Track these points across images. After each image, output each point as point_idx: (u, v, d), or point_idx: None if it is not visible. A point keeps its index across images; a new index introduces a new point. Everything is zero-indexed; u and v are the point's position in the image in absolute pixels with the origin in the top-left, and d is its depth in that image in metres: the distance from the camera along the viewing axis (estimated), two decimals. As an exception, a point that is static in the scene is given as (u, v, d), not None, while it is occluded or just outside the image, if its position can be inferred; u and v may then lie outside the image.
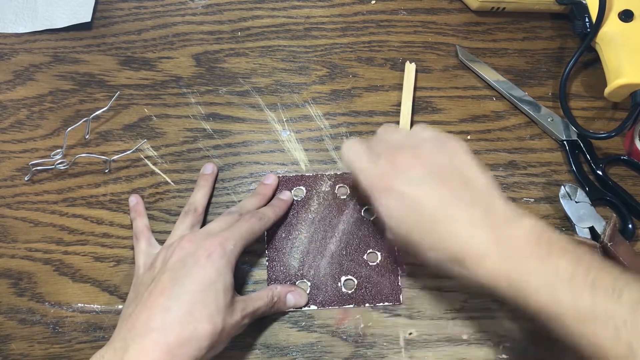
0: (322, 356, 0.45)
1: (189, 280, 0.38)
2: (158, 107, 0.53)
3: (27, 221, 0.49)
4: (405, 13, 0.58)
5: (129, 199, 0.49)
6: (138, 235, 0.46)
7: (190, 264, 0.39)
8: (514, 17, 0.58)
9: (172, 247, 0.41)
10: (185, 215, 0.46)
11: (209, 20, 0.57)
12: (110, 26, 0.57)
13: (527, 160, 0.52)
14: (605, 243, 0.46)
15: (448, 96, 0.54)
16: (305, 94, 0.54)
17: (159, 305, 0.37)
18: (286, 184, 0.50)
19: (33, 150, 0.51)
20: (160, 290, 0.38)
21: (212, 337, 0.37)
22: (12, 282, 0.47)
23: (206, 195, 0.48)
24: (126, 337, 0.36)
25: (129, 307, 0.40)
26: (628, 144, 0.52)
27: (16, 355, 0.45)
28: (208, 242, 0.40)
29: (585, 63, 0.56)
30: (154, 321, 0.36)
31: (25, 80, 0.54)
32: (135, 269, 0.44)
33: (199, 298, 0.38)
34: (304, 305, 0.46)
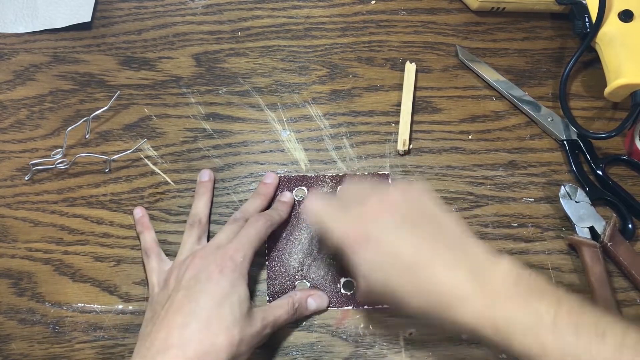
0: (322, 356, 0.45)
1: (204, 297, 0.39)
2: (158, 107, 0.53)
3: (27, 221, 0.49)
4: (405, 13, 0.58)
5: (134, 211, 0.49)
6: (148, 251, 0.46)
7: (203, 280, 0.39)
8: (514, 17, 0.58)
9: (184, 264, 0.42)
10: (191, 228, 0.46)
11: (209, 20, 0.57)
12: (110, 26, 0.57)
13: (527, 160, 0.52)
14: (605, 243, 0.46)
15: (448, 96, 0.54)
16: (305, 94, 0.54)
17: (176, 322, 0.38)
18: (287, 184, 0.50)
19: (33, 150, 0.51)
20: (176, 308, 0.38)
21: (230, 349, 0.37)
22: (12, 282, 0.47)
23: (207, 204, 0.48)
24: (146, 355, 0.37)
25: (146, 326, 0.41)
26: (628, 144, 0.52)
27: (16, 355, 0.45)
28: (219, 256, 0.41)
29: (585, 63, 0.56)
30: (172, 338, 0.37)
31: (25, 80, 0.54)
32: (149, 288, 0.45)
33: (214, 312, 0.38)
34: (327, 307, 0.46)
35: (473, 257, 0.36)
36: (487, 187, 0.51)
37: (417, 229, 0.37)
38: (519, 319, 0.33)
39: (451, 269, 0.35)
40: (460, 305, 0.34)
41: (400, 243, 0.37)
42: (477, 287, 0.34)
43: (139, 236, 0.48)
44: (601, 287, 0.45)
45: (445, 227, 0.37)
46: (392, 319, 0.46)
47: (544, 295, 0.33)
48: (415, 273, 0.36)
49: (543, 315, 0.33)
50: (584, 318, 0.32)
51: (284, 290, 0.46)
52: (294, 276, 0.47)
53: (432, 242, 0.37)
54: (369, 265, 0.37)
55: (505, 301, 0.34)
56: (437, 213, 0.38)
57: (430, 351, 0.45)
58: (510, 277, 0.34)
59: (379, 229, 0.37)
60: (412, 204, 0.38)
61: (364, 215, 0.38)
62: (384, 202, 0.39)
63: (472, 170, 0.51)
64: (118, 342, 0.45)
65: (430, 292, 0.35)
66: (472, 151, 0.52)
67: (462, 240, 0.37)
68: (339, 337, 0.45)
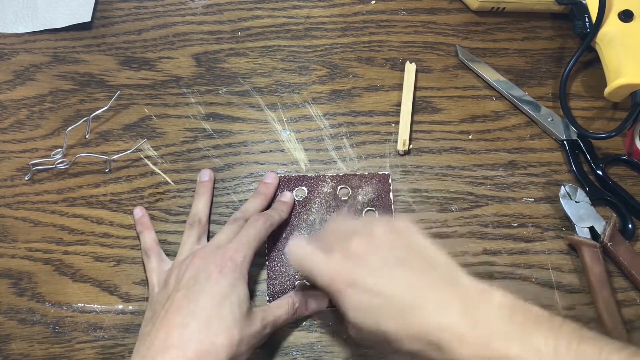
0: (322, 356, 0.45)
1: (203, 297, 0.39)
2: (158, 107, 0.53)
3: (27, 221, 0.49)
4: (405, 13, 0.58)
5: (134, 211, 0.49)
6: (148, 251, 0.46)
7: (203, 280, 0.39)
8: (514, 17, 0.58)
9: (184, 264, 0.42)
10: (191, 228, 0.46)
11: (209, 20, 0.57)
12: (110, 26, 0.57)
13: (527, 160, 0.52)
14: (605, 243, 0.46)
15: (448, 96, 0.54)
16: (305, 94, 0.54)
17: (176, 322, 0.38)
18: (288, 184, 0.50)
19: (33, 150, 0.51)
20: (176, 308, 0.38)
21: (230, 349, 0.37)
22: (12, 282, 0.47)
23: (207, 204, 0.48)
24: (146, 355, 0.37)
25: (146, 326, 0.41)
26: (628, 143, 0.52)
27: (16, 355, 0.45)
28: (219, 256, 0.41)
29: (585, 63, 0.56)
30: (171, 338, 0.37)
31: (25, 80, 0.54)
32: (149, 288, 0.45)
33: (214, 312, 0.38)
34: (326, 307, 0.46)
35: (464, 292, 0.35)
36: (487, 187, 0.51)
37: (404, 266, 0.36)
38: (517, 352, 0.32)
39: (443, 307, 0.34)
40: (456, 344, 0.33)
41: (388, 284, 0.35)
42: (471, 322, 0.33)
43: (139, 236, 0.48)
44: (601, 287, 0.45)
45: (434, 263, 0.36)
46: (392, 319, 0.46)
47: (541, 325, 0.32)
48: (406, 315, 0.35)
49: (542, 347, 0.31)
50: (585, 347, 0.31)
51: (283, 290, 0.46)
52: (293, 276, 0.47)
53: (421, 280, 0.35)
54: (357, 310, 0.36)
55: (502, 335, 0.32)
56: (423, 248, 0.37)
57: (430, 351, 0.45)
58: (504, 310, 0.33)
59: (364, 272, 0.36)
60: (398, 241, 0.37)
61: (349, 257, 0.37)
62: (370, 240, 0.37)
63: (472, 170, 0.51)
64: (118, 342, 0.45)
65: (422, 334, 0.34)
66: (472, 151, 0.52)
67: (452, 275, 0.36)
68: (339, 337, 0.45)
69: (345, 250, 0.37)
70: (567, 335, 0.32)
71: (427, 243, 0.37)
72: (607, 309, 0.45)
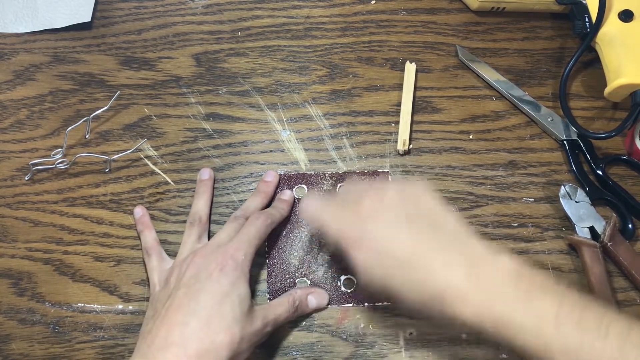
0: (322, 356, 0.45)
1: (204, 295, 0.39)
2: (158, 107, 0.53)
3: (27, 221, 0.49)
4: (405, 13, 0.58)
5: (135, 210, 0.49)
6: (149, 250, 0.46)
7: (203, 278, 0.40)
8: (514, 17, 0.58)
9: (185, 263, 0.42)
10: (191, 227, 0.46)
11: (209, 20, 0.57)
12: (110, 26, 0.57)
13: (527, 160, 0.52)
14: (605, 243, 0.46)
15: (448, 96, 0.54)
16: (305, 94, 0.54)
17: (177, 320, 0.38)
18: (287, 182, 0.50)
19: (33, 150, 0.51)
20: (177, 306, 0.38)
21: (231, 347, 0.37)
22: (12, 282, 0.47)
23: (208, 202, 0.48)
24: (146, 353, 0.37)
25: (147, 324, 0.41)
26: (628, 143, 0.52)
27: (16, 355, 0.45)
28: (219, 255, 0.41)
29: (585, 63, 0.56)
30: (172, 336, 0.37)
31: (25, 80, 0.54)
32: (150, 287, 0.45)
33: (215, 311, 0.38)
34: (327, 305, 0.46)
35: (472, 254, 0.36)
36: (487, 187, 0.51)
37: (414, 226, 0.37)
38: (520, 316, 0.33)
39: (449, 266, 0.35)
40: (459, 302, 0.34)
41: (397, 241, 0.37)
42: (476, 282, 0.34)
43: (139, 235, 0.48)
44: (601, 287, 0.45)
45: (444, 224, 0.37)
46: (392, 319, 0.46)
47: (545, 292, 0.33)
48: (413, 270, 0.36)
49: (545, 313, 0.32)
50: (587, 315, 0.32)
51: (284, 288, 0.46)
52: (294, 274, 0.47)
53: (429, 239, 0.36)
54: (367, 264, 0.37)
55: (505, 297, 0.33)
56: (435, 210, 0.38)
57: (430, 351, 0.45)
58: (511, 273, 0.34)
59: (375, 228, 0.37)
60: (410, 202, 0.38)
61: (360, 213, 0.38)
62: (381, 200, 0.38)
63: (472, 170, 0.51)
64: (118, 342, 0.45)
65: (428, 288, 0.35)
66: (472, 151, 0.52)
67: (461, 237, 0.37)
68: (339, 337, 0.45)
69: (357, 208, 0.38)
70: (570, 303, 0.32)
71: (438, 205, 0.38)
72: (607, 309, 0.45)
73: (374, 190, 0.39)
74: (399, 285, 0.36)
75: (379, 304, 0.46)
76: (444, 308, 0.35)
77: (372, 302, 0.46)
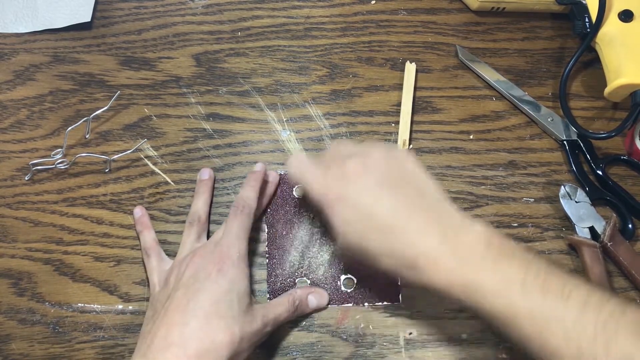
0: (322, 356, 0.45)
1: (203, 294, 0.39)
2: (158, 107, 0.53)
3: (27, 221, 0.49)
4: (405, 13, 0.58)
5: (134, 210, 0.49)
6: (148, 251, 0.46)
7: (202, 278, 0.40)
8: (514, 17, 0.58)
9: (184, 263, 0.42)
10: (190, 226, 0.46)
11: (209, 20, 0.57)
12: (110, 26, 0.57)
13: (527, 160, 0.52)
14: (605, 243, 0.46)
15: (448, 96, 0.54)
16: (305, 94, 0.54)
17: (176, 320, 0.38)
18: (288, 181, 0.50)
19: (33, 150, 0.51)
20: (176, 306, 0.39)
21: (231, 347, 0.37)
22: (12, 282, 0.47)
23: (207, 202, 0.48)
24: (146, 353, 0.37)
25: (147, 324, 0.41)
26: (628, 143, 0.52)
27: (16, 355, 0.45)
28: (216, 255, 0.41)
29: (585, 63, 0.56)
30: (172, 336, 0.37)
31: (25, 80, 0.54)
32: (150, 287, 0.45)
33: (214, 310, 0.38)
34: (327, 305, 0.46)
35: (447, 221, 0.37)
36: (487, 187, 0.51)
37: (394, 190, 0.38)
38: (488, 280, 0.34)
39: (424, 232, 0.36)
40: (431, 267, 0.35)
41: (377, 204, 0.37)
42: (449, 249, 0.35)
43: (139, 236, 0.48)
44: (601, 287, 0.45)
45: (424, 191, 0.38)
46: (392, 319, 0.46)
47: (514, 258, 0.34)
48: (389, 234, 0.36)
49: (512, 277, 0.33)
50: (552, 280, 0.33)
51: (284, 288, 0.46)
52: (294, 274, 0.47)
53: (408, 204, 0.37)
54: (345, 224, 0.38)
55: (476, 263, 0.34)
56: (417, 177, 0.39)
57: (430, 351, 0.45)
58: (482, 240, 0.35)
59: (356, 189, 0.38)
60: (393, 167, 0.39)
61: (343, 175, 0.39)
62: (365, 162, 0.39)
63: (472, 170, 0.51)
64: (118, 342, 0.45)
65: (402, 253, 0.36)
66: (472, 151, 0.52)
67: (439, 205, 0.38)
68: (339, 337, 0.45)
69: (341, 168, 0.39)
70: (536, 269, 0.34)
71: (420, 172, 0.39)
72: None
73: (358, 153, 0.40)
74: (376, 247, 0.37)
75: (378, 304, 0.46)
76: (417, 273, 0.36)
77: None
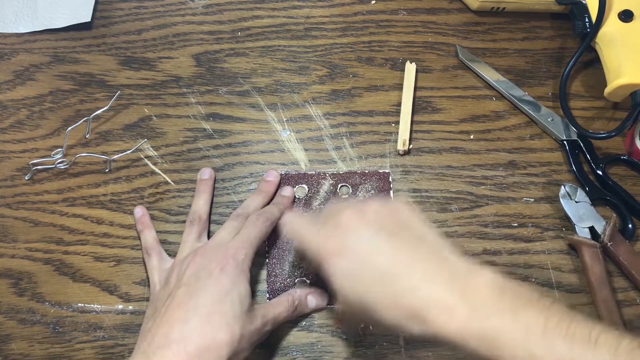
0: (322, 356, 0.45)
1: (204, 293, 0.39)
2: (158, 107, 0.53)
3: (27, 221, 0.49)
4: (405, 13, 0.58)
5: (135, 210, 0.49)
6: (149, 250, 0.46)
7: (204, 277, 0.40)
8: (514, 17, 0.58)
9: (185, 262, 0.42)
10: (191, 225, 0.46)
11: (209, 20, 0.57)
12: (110, 26, 0.57)
13: (527, 160, 0.52)
14: (605, 243, 0.46)
15: (448, 96, 0.54)
16: (305, 94, 0.54)
17: (177, 318, 0.38)
18: (288, 181, 0.50)
19: (33, 150, 0.51)
20: (177, 305, 0.39)
21: (231, 345, 0.37)
22: (12, 282, 0.47)
23: (208, 201, 0.48)
24: (147, 351, 0.37)
25: (147, 323, 0.41)
26: (628, 143, 0.52)
27: (16, 355, 0.45)
28: (220, 254, 0.41)
29: (585, 63, 0.56)
30: (172, 333, 0.37)
31: (25, 80, 0.54)
32: (150, 286, 0.45)
33: (215, 309, 0.38)
34: (326, 305, 0.46)
35: (453, 268, 0.34)
36: (487, 187, 0.51)
37: (394, 238, 0.36)
38: (507, 329, 0.31)
39: (429, 279, 0.34)
40: (441, 317, 0.33)
41: (377, 252, 0.35)
42: (458, 296, 0.33)
43: (139, 235, 0.48)
44: (601, 287, 0.45)
45: (425, 238, 0.36)
46: (392, 319, 0.46)
47: (531, 304, 0.32)
48: (392, 284, 0.34)
49: (532, 325, 0.31)
50: (575, 326, 0.31)
51: (284, 288, 0.46)
52: (294, 274, 0.47)
53: (410, 252, 0.35)
54: (345, 276, 0.36)
55: (490, 311, 0.32)
56: (416, 224, 0.37)
57: (430, 351, 0.45)
58: (495, 287, 0.33)
59: (354, 239, 0.36)
60: (391, 216, 0.37)
61: (339, 227, 0.37)
62: (361, 213, 0.37)
63: (472, 170, 0.51)
64: (118, 342, 0.45)
65: (407, 303, 0.34)
66: (472, 151, 0.52)
67: (442, 251, 0.35)
68: (339, 337, 0.45)
69: (337, 221, 0.38)
70: (557, 315, 0.32)
71: (419, 221, 0.37)
72: (607, 309, 0.45)
73: (353, 206, 0.39)
74: (378, 300, 0.35)
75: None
76: (426, 324, 0.33)
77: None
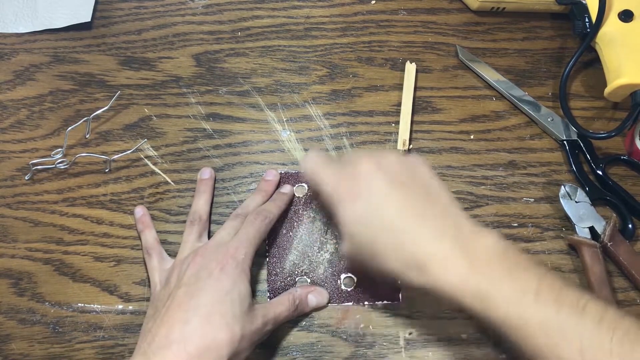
0: (322, 356, 0.45)
1: (204, 293, 0.39)
2: (158, 107, 0.53)
3: (27, 221, 0.49)
4: (405, 13, 0.58)
5: (135, 210, 0.49)
6: (149, 250, 0.46)
7: (204, 277, 0.40)
8: (514, 17, 0.58)
9: (185, 262, 0.42)
10: (191, 225, 0.46)
11: (209, 20, 0.57)
12: (110, 26, 0.57)
13: (527, 160, 0.52)
14: (605, 243, 0.46)
15: (448, 96, 0.54)
16: (305, 94, 0.54)
17: (177, 318, 0.38)
18: (288, 180, 0.50)
19: (33, 150, 0.51)
20: (177, 305, 0.39)
21: (231, 345, 0.37)
22: (12, 282, 0.47)
23: (208, 201, 0.48)
24: (147, 351, 0.37)
25: (147, 323, 0.41)
26: (628, 143, 0.52)
27: (16, 355, 0.45)
28: (220, 254, 0.41)
29: (585, 63, 0.56)
30: (173, 333, 0.37)
31: (25, 80, 0.54)
32: (151, 286, 0.45)
33: (215, 309, 0.38)
34: (327, 304, 0.46)
35: (460, 227, 0.36)
36: (487, 187, 0.51)
37: (407, 192, 0.38)
38: (502, 287, 0.33)
39: (436, 235, 0.36)
40: (441, 269, 0.35)
41: (388, 204, 0.37)
42: (461, 253, 0.35)
43: (140, 235, 0.48)
44: (601, 287, 0.45)
45: (437, 197, 0.38)
46: (392, 319, 0.46)
47: (528, 270, 0.34)
48: (399, 235, 0.36)
49: (526, 287, 0.33)
50: (566, 293, 0.33)
51: (284, 287, 0.46)
52: (294, 273, 0.47)
53: (420, 207, 0.37)
54: (355, 221, 0.38)
55: (490, 269, 0.34)
56: (430, 182, 0.39)
57: (430, 351, 0.45)
58: (498, 249, 0.35)
59: (369, 187, 0.38)
60: (407, 170, 0.39)
61: (357, 172, 0.39)
62: (378, 162, 0.39)
63: (472, 170, 0.51)
64: (118, 342, 0.45)
65: (411, 253, 0.36)
66: (472, 151, 0.52)
67: (452, 211, 0.37)
68: (339, 337, 0.45)
69: (354, 168, 0.39)
70: (550, 281, 0.34)
71: (433, 178, 0.39)
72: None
73: (374, 154, 0.40)
74: (384, 247, 0.37)
75: (378, 303, 0.46)
76: (426, 275, 0.35)
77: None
